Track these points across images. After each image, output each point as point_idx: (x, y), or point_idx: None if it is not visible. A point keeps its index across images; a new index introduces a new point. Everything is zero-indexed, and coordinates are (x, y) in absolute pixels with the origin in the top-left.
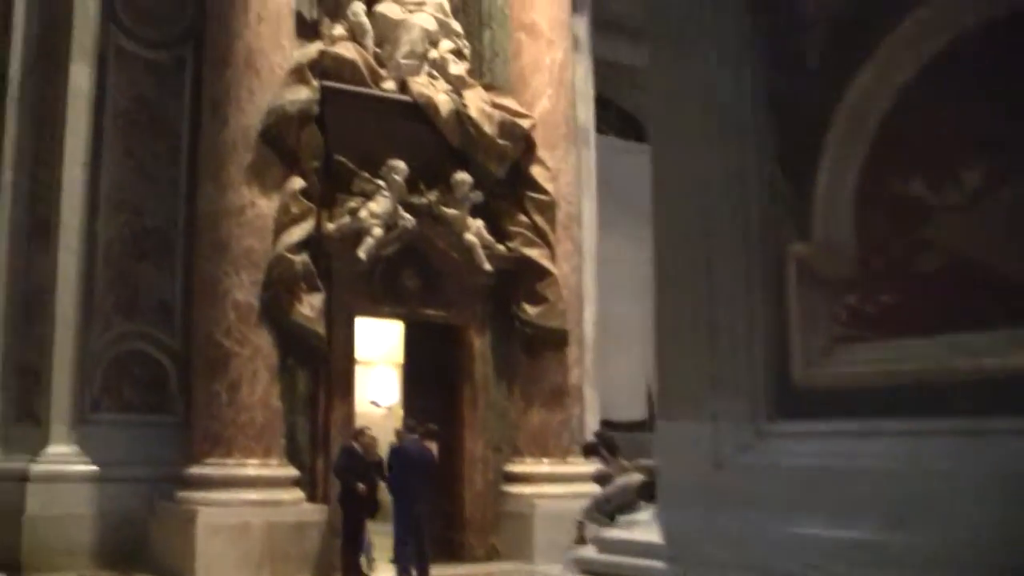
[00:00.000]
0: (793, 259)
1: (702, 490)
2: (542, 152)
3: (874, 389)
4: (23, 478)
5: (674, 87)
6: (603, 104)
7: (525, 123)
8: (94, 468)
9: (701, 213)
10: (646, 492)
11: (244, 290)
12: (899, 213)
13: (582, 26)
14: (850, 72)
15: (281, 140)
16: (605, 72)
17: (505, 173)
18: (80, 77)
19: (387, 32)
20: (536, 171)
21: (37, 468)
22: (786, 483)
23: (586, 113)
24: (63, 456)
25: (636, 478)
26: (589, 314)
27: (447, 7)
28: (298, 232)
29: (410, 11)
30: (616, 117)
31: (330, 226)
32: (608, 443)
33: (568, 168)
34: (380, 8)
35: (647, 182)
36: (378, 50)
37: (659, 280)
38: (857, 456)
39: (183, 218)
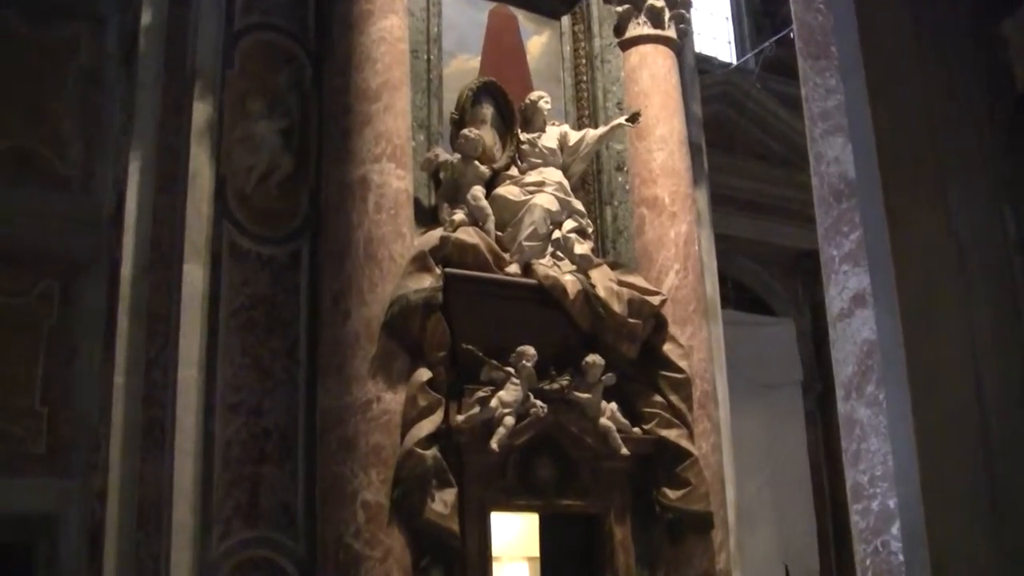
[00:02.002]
0: None
1: None
2: (674, 329)
3: None
4: None
5: (910, 236)
6: (719, 277)
7: (654, 300)
8: None
9: (969, 382)
10: None
11: (373, 489)
12: None
13: (703, 199)
14: None
15: (406, 331)
16: (719, 245)
17: (637, 353)
18: (194, 276)
19: (508, 215)
20: (669, 349)
21: None
22: None
23: (712, 287)
24: None
25: None
26: (731, 495)
27: (567, 186)
28: (427, 426)
29: (530, 192)
30: (732, 290)
31: (459, 418)
32: None
33: (700, 344)
34: (500, 191)
35: (770, 356)
36: (500, 233)
37: (924, 464)
38: None
39: (303, 417)
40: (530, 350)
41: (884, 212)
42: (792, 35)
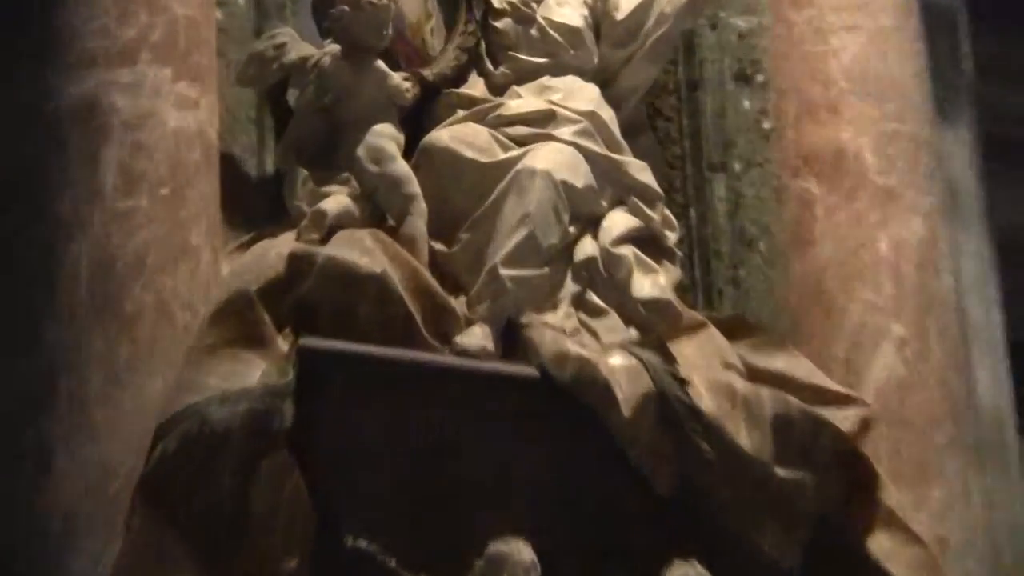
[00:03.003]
0: None
1: None
2: (901, 491)
3: None
4: None
5: None
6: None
7: (844, 417)
8: None
9: None
10: None
11: None
12: None
13: (961, 151)
14: None
15: (203, 506)
16: (1010, 268)
17: (800, 556)
18: None
19: (461, 199)
20: (882, 544)
21: None
22: None
23: (997, 381)
24: None
25: None
26: None
27: (612, 123)
28: None
29: (518, 140)
30: None
31: None
32: None
33: (969, 532)
34: (442, 138)
35: None
36: (442, 247)
37: None
38: None
39: None
40: (525, 553)
41: None
42: None
